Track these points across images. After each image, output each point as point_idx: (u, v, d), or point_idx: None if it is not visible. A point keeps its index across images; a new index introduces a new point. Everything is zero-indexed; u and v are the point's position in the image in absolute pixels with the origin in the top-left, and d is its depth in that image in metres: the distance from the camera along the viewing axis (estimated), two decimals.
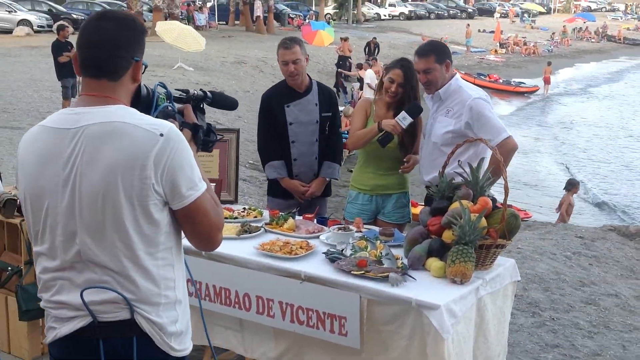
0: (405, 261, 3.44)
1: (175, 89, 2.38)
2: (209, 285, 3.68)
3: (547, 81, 29.66)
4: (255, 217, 4.16)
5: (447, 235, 3.40)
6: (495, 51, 40.13)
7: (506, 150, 3.88)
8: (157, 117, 2.16)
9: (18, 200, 4.13)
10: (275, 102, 4.62)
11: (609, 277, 5.82)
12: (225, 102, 2.55)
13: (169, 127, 2.03)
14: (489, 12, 63.41)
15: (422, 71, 4.16)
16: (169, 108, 2.26)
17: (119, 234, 2.00)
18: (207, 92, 2.43)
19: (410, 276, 3.28)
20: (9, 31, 29.85)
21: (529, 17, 58.70)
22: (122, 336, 2.04)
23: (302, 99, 4.61)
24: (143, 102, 2.19)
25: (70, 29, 14.23)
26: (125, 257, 2.02)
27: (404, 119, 4.16)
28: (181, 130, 2.18)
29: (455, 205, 3.45)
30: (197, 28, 31.14)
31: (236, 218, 4.12)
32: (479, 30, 48.01)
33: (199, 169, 2.11)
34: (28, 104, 14.01)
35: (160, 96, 2.26)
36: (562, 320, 4.85)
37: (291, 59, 4.49)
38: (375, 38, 30.14)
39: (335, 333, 3.32)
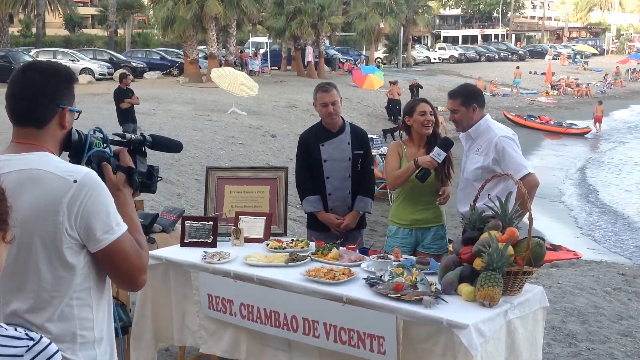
0: (439, 286, 3.74)
1: (113, 134, 2.44)
2: (260, 308, 4.03)
3: (598, 120, 29.45)
4: (302, 247, 4.52)
5: (477, 263, 3.70)
6: (547, 93, 40.06)
7: (528, 186, 4.19)
8: (89, 160, 2.26)
9: None
10: (312, 141, 5.07)
11: None
12: (168, 145, 2.62)
13: (84, 173, 2.09)
14: (540, 54, 63.29)
15: (450, 110, 4.58)
16: (104, 152, 2.32)
17: (34, 275, 2.07)
18: (147, 136, 2.48)
19: (443, 299, 3.58)
20: None
21: (582, 58, 58.39)
22: None
23: (335, 138, 5.05)
24: (74, 147, 2.26)
25: (131, 77, 15.02)
26: (39, 299, 2.08)
27: (438, 155, 4.51)
28: (115, 173, 2.29)
29: (485, 235, 3.76)
30: (250, 73, 32.14)
31: (285, 248, 4.49)
32: (530, 72, 48.03)
33: (129, 212, 2.21)
34: None
35: (96, 141, 2.32)
36: (597, 350, 5.03)
37: (330, 101, 4.94)
38: (416, 79, 30.48)
39: (374, 352, 3.63)
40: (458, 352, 3.35)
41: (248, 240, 4.69)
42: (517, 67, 41.54)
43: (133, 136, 2.45)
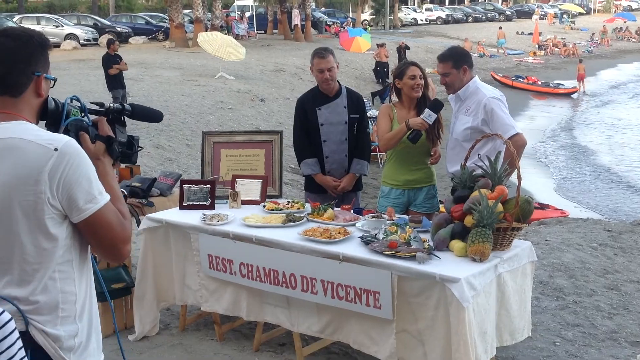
0: (432, 243, 3.89)
1: (91, 102, 2.39)
2: (259, 267, 4.18)
3: (581, 78, 29.53)
4: (299, 208, 4.65)
5: (468, 220, 3.84)
6: (534, 53, 40.12)
7: (516, 145, 4.32)
8: (67, 129, 2.20)
9: None
10: (308, 105, 5.18)
11: (632, 266, 6.15)
12: (148, 114, 2.56)
13: (64, 141, 2.03)
14: (528, 14, 63.10)
15: (441, 74, 4.68)
16: (82, 121, 2.27)
17: (15, 247, 2.02)
18: (126, 105, 2.44)
19: (436, 255, 3.74)
20: (56, 45, 31.01)
21: (568, 18, 58.29)
22: None
23: (332, 102, 5.16)
24: (51, 116, 2.20)
25: (118, 43, 14.95)
26: (21, 271, 2.03)
27: (429, 116, 4.63)
28: (94, 142, 2.22)
29: (475, 193, 3.90)
30: (237, 37, 31.95)
31: (281, 209, 4.62)
32: (517, 33, 47.98)
33: (110, 182, 2.18)
34: None
35: (73, 110, 2.26)
36: (584, 303, 5.23)
37: (326, 67, 5.04)
38: (403, 41, 30.38)
39: (370, 306, 3.79)
40: (450, 305, 3.51)
41: (245, 202, 4.81)
42: (500, 28, 41.53)
43: (112, 105, 2.40)
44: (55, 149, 2.00)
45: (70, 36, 32.54)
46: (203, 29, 30.82)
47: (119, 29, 35.65)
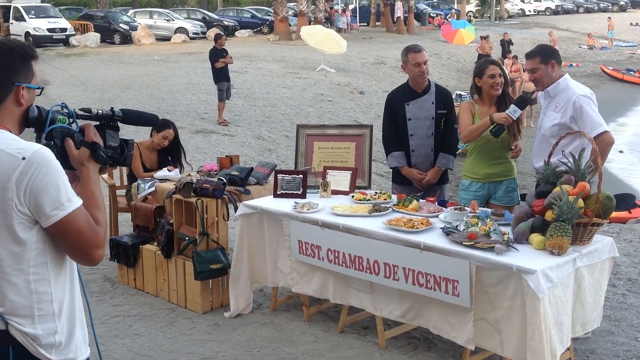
0: (512, 235, 4.02)
1: (79, 109, 2.41)
2: (345, 253, 4.43)
3: None
4: (385, 199, 4.87)
5: (549, 215, 3.94)
6: None
7: (603, 144, 4.37)
8: (52, 136, 2.25)
9: (194, 183, 5.10)
10: (397, 100, 5.38)
11: None
12: (141, 118, 2.56)
13: (33, 150, 2.08)
14: None
15: (529, 70, 4.79)
16: (67, 127, 2.29)
17: None
18: (117, 110, 2.45)
19: (514, 247, 3.86)
20: (167, 38, 32.40)
21: None
22: None
23: (420, 97, 5.34)
24: (34, 123, 2.25)
25: (225, 37, 15.55)
26: None
27: (514, 112, 4.74)
28: (78, 148, 2.26)
29: (557, 189, 3.99)
30: (339, 30, 32.28)
31: (368, 200, 4.84)
32: (631, 24, 45.87)
33: (91, 187, 2.24)
34: (187, 105, 15.50)
35: (60, 117, 2.29)
36: None
37: (422, 60, 5.24)
38: (506, 33, 29.72)
39: (449, 294, 3.96)
40: (526, 296, 3.64)
41: (335, 192, 5.07)
42: (609, 18, 39.86)
43: (101, 111, 2.42)
44: (23, 158, 2.07)
45: (180, 30, 33.87)
46: (306, 22, 31.36)
47: (225, 23, 36.80)
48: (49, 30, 29.61)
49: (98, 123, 2.40)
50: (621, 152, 16.04)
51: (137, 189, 5.96)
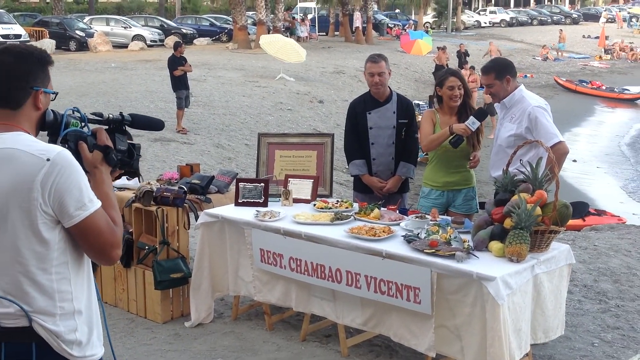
0: (472, 243, 4.08)
1: (91, 113, 2.49)
2: (307, 262, 4.43)
3: None
4: (347, 207, 4.89)
5: (508, 222, 4.00)
6: (600, 57, 39.26)
7: (558, 153, 4.47)
8: (66, 139, 2.31)
9: (154, 192, 5.05)
10: (359, 108, 5.44)
11: None
12: (148, 123, 2.65)
13: (56, 152, 2.16)
14: (595, 17, 61.66)
15: (485, 85, 4.88)
16: (81, 131, 2.37)
17: (12, 252, 2.16)
18: (126, 115, 2.54)
19: (474, 255, 3.92)
20: (124, 46, 32.04)
21: (637, 21, 56.70)
22: (22, 341, 2.19)
23: (382, 107, 5.40)
24: (49, 127, 2.33)
25: (184, 46, 15.47)
26: (19, 273, 2.17)
27: (473, 123, 4.83)
28: (91, 151, 2.34)
29: (515, 197, 4.06)
30: (298, 39, 32.37)
31: (330, 208, 4.86)
32: (584, 36, 47.06)
33: (106, 190, 2.32)
34: (145, 113, 15.24)
35: (73, 120, 2.37)
36: (626, 307, 5.29)
37: (377, 72, 5.28)
38: (462, 44, 30.19)
39: (410, 301, 4.00)
40: (486, 302, 3.69)
41: (296, 200, 5.07)
42: (561, 31, 40.91)
43: (111, 115, 2.50)
44: (47, 159, 2.14)
45: (137, 37, 33.52)
46: (265, 31, 31.37)
47: (184, 31, 36.56)
48: (3, 36, 28.88)
49: (107, 127, 2.47)
50: (575, 161, 16.41)
51: None
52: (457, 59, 28.79)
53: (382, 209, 4.80)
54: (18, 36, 29.18)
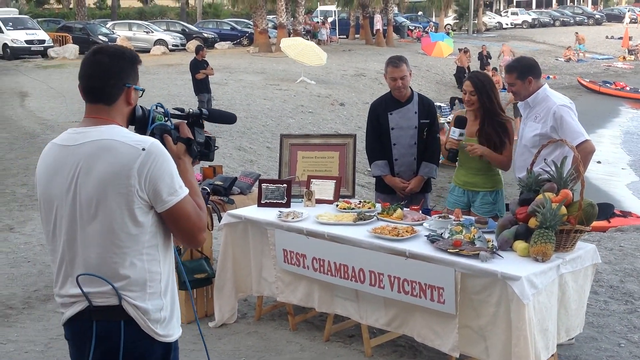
0: (496, 243, 4.05)
1: (173, 108, 2.69)
2: (330, 262, 4.43)
3: None
4: (369, 208, 4.88)
5: (532, 222, 3.97)
6: (624, 58, 38.86)
7: (584, 152, 4.43)
8: (153, 132, 2.50)
9: None
10: (381, 109, 5.43)
11: None
12: (223, 117, 2.85)
13: (150, 142, 2.35)
14: (618, 18, 61.01)
15: (508, 84, 4.86)
16: (166, 125, 2.56)
17: (109, 234, 2.33)
18: (203, 110, 2.73)
19: (499, 254, 3.90)
20: (146, 50, 32.27)
21: None
22: (111, 319, 2.35)
23: (403, 107, 5.39)
24: (138, 121, 2.52)
25: (206, 50, 15.56)
26: (115, 254, 2.33)
27: (453, 133, 4.96)
28: (175, 143, 2.53)
29: (540, 196, 4.03)
30: (319, 42, 32.40)
31: (353, 209, 4.86)
32: (607, 37, 46.59)
33: (189, 178, 2.49)
34: None
35: (158, 115, 2.55)
36: None
37: (399, 76, 5.27)
38: (485, 46, 30.04)
39: (434, 301, 3.98)
40: (511, 302, 3.67)
41: (319, 201, 5.08)
42: (577, 33, 40.53)
43: (191, 110, 2.71)
44: (143, 149, 2.33)
45: (159, 42, 33.77)
46: (286, 34, 31.45)
47: (205, 35, 36.78)
48: (27, 42, 29.37)
49: (187, 121, 2.66)
50: (599, 162, 16.23)
51: None
52: (478, 61, 28.67)
53: (404, 209, 4.79)
54: (42, 41, 29.60)
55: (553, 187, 4.08)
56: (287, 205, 5.02)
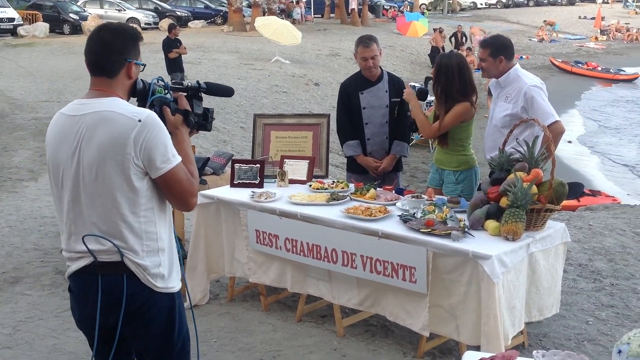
0: (467, 222, 4.07)
1: (172, 82, 2.86)
2: (303, 242, 4.43)
3: None
4: (343, 188, 4.87)
5: (504, 201, 4.00)
6: (596, 38, 39.19)
7: (554, 133, 4.45)
8: (152, 104, 2.71)
9: None
10: (351, 89, 5.42)
11: None
12: (220, 90, 3.05)
13: (147, 114, 2.56)
14: None
15: (480, 58, 4.93)
16: (165, 97, 2.77)
17: (108, 197, 2.56)
18: (202, 83, 2.92)
19: (470, 234, 3.92)
20: None
21: (633, 2, 56.55)
22: (115, 274, 2.59)
23: (374, 86, 5.38)
24: (139, 94, 2.72)
25: (179, 28, 15.37)
26: (114, 215, 2.56)
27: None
28: (174, 115, 2.75)
29: (511, 176, 4.05)
30: (293, 22, 32.18)
31: (326, 189, 4.84)
32: (580, 17, 46.92)
33: (185, 147, 2.71)
34: None
35: (158, 88, 2.75)
36: (620, 285, 5.31)
37: (370, 55, 5.26)
38: (460, 26, 30.07)
39: (406, 281, 4.00)
40: (482, 281, 3.70)
41: (292, 181, 5.06)
42: (545, 21, 40.65)
43: (190, 83, 2.88)
44: (139, 120, 2.52)
45: (131, 20, 33.10)
46: (261, 13, 31.14)
47: (178, 13, 36.26)
48: None
49: (186, 94, 2.86)
50: (570, 142, 16.41)
51: None
52: (453, 40, 28.70)
53: (378, 189, 4.79)
54: (11, 19, 28.96)
55: (524, 167, 4.11)
56: (260, 185, 4.99)
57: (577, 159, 15.34)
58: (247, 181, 5.03)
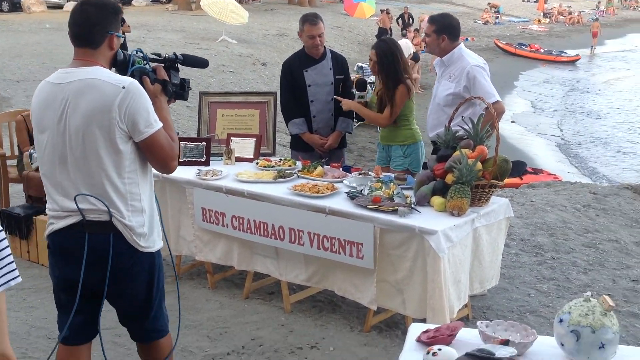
0: (414, 199, 4.11)
1: (151, 53, 3.05)
2: (250, 220, 4.40)
3: (595, 35, 30.41)
4: (290, 165, 4.86)
5: (449, 178, 4.05)
6: (539, 21, 39.98)
7: (496, 112, 4.51)
8: (132, 74, 2.87)
9: None
10: (295, 67, 5.39)
11: (613, 226, 6.37)
12: (196, 61, 3.22)
13: (130, 81, 2.72)
14: None
15: (425, 33, 4.95)
16: (144, 68, 2.93)
17: (95, 159, 2.71)
18: (178, 55, 3.09)
19: (416, 210, 3.96)
20: (59, 6, 30.94)
21: None
22: (102, 232, 2.74)
23: (318, 64, 5.37)
24: (120, 64, 2.87)
25: (122, 7, 15.02)
26: (100, 176, 2.72)
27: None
28: (153, 84, 2.91)
29: (457, 153, 4.11)
30: (240, 1, 31.83)
31: (273, 166, 4.82)
32: (523, 0, 47.71)
33: (164, 114, 2.87)
34: None
35: (137, 59, 2.93)
36: (561, 259, 5.47)
37: (317, 34, 5.24)
38: (407, 7, 30.26)
39: (353, 257, 4.02)
40: (427, 256, 3.75)
41: (239, 159, 5.02)
42: (489, 3, 41.34)
43: (167, 55, 3.07)
44: (123, 87, 2.68)
45: None
46: None
47: None
48: None
49: (164, 65, 3.02)
50: (513, 122, 16.75)
51: (29, 159, 5.68)
52: (400, 22, 28.84)
53: (325, 166, 4.80)
54: None
55: (469, 144, 4.16)
56: (207, 163, 4.94)
57: (520, 138, 15.67)
58: (193, 159, 4.97)
